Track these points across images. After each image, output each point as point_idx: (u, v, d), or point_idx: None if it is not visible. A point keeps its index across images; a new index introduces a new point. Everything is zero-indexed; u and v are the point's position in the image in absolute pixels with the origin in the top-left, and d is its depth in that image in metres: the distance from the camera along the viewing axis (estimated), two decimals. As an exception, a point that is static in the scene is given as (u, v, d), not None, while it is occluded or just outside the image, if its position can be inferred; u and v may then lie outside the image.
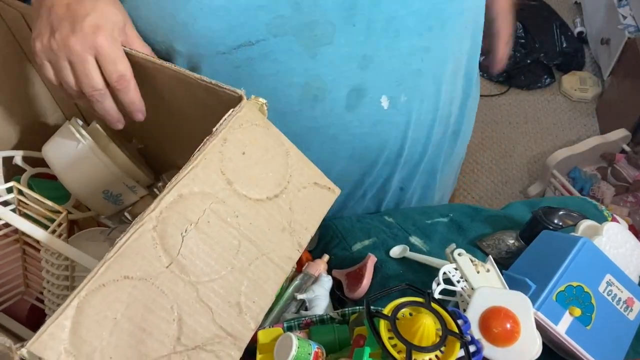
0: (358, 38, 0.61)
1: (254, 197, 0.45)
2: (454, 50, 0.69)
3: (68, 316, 0.36)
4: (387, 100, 0.66)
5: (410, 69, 0.65)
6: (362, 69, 0.63)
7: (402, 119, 0.69)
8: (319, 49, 0.60)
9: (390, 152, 0.73)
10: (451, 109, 0.75)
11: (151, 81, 0.53)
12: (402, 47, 0.63)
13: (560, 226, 0.63)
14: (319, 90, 0.63)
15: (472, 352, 0.45)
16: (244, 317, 0.43)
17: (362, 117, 0.67)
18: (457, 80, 0.73)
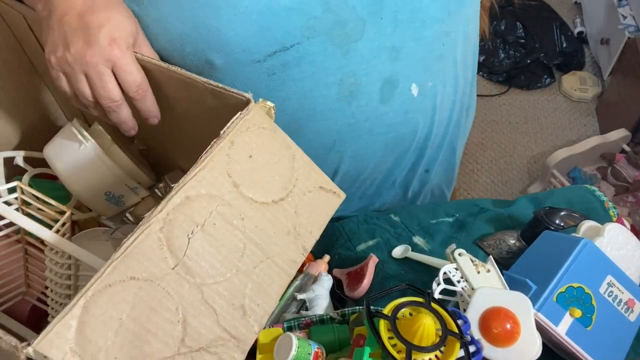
0: (386, 30, 0.62)
1: (260, 200, 0.45)
2: (466, 31, 0.70)
3: (74, 315, 0.36)
4: (416, 88, 0.68)
5: (434, 54, 0.67)
6: (392, 60, 0.64)
7: (429, 104, 0.71)
8: (351, 46, 0.61)
9: (420, 138, 0.75)
10: (465, 87, 0.77)
11: (156, 84, 0.53)
12: (426, 35, 0.64)
13: (562, 227, 0.63)
14: (354, 86, 0.64)
15: (472, 352, 0.46)
16: (247, 319, 0.43)
17: (396, 107, 0.68)
18: (467, 58, 0.74)
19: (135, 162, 0.68)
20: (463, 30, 0.70)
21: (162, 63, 0.50)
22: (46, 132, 0.73)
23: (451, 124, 0.78)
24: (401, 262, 0.67)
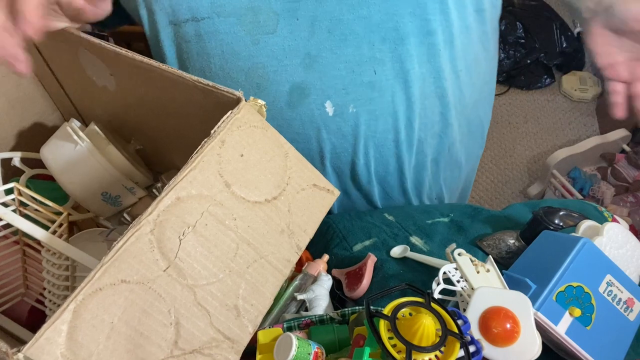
0: (302, 33, 0.60)
1: (252, 199, 0.45)
2: (423, 73, 0.65)
3: (65, 320, 0.36)
4: (331, 107, 0.65)
5: (359, 79, 0.64)
6: (306, 67, 0.62)
7: (348, 130, 0.67)
8: (262, 37, 0.61)
9: (340, 163, 0.71)
10: (425, 136, 0.72)
11: (149, 82, 0.53)
12: (348, 53, 0.62)
13: (561, 226, 0.63)
14: (262, 80, 0.63)
15: (472, 352, 0.45)
16: (241, 320, 0.43)
17: (304, 118, 0.66)
18: (431, 105, 0.69)
19: (131, 162, 0.68)
20: (422, 73, 0.65)
21: (153, 61, 0.50)
22: (43, 133, 0.73)
23: (405, 164, 0.73)
24: (400, 262, 0.66)
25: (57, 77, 0.70)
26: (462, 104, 0.72)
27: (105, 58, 0.57)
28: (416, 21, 0.61)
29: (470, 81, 0.71)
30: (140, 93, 0.58)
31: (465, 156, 0.82)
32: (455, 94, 0.69)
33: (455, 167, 0.82)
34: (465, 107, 0.73)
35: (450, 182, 0.84)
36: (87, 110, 0.74)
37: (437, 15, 0.61)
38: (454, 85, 0.68)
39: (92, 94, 0.66)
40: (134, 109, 0.65)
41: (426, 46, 0.63)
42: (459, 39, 0.65)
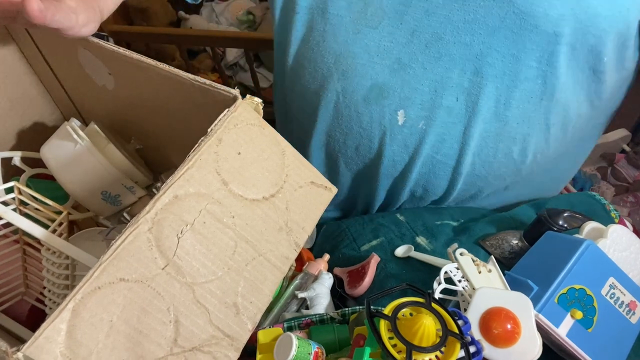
0: (400, 38, 0.61)
1: (250, 197, 0.45)
2: (507, 116, 0.64)
3: (64, 319, 0.36)
4: (403, 116, 0.65)
5: (440, 101, 0.63)
6: (392, 71, 0.63)
7: (412, 144, 0.67)
8: (363, 29, 0.61)
9: (394, 170, 0.71)
10: (486, 174, 0.71)
11: (147, 81, 0.53)
12: (437, 72, 0.62)
13: (565, 228, 0.62)
14: (349, 68, 0.64)
15: (472, 352, 0.45)
16: (241, 317, 0.43)
17: (374, 117, 0.66)
18: (505, 148, 0.67)
19: (131, 161, 0.68)
20: (519, 112, 0.63)
21: (150, 60, 0.49)
22: (44, 132, 0.73)
23: (454, 190, 0.72)
24: (402, 262, 0.66)
25: (58, 77, 0.70)
26: (544, 154, 0.70)
27: (103, 57, 0.57)
28: (516, 64, 0.60)
29: (562, 136, 0.69)
30: (139, 92, 0.58)
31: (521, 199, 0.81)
32: (539, 144, 0.68)
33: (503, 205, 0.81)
34: (547, 158, 0.72)
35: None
36: (87, 110, 0.75)
37: (542, 64, 0.60)
38: (540, 136, 0.67)
39: (92, 93, 0.66)
40: (134, 108, 0.65)
41: (520, 91, 0.62)
42: (563, 93, 0.63)
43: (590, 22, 0.56)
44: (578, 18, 0.55)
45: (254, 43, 1.29)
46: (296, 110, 0.76)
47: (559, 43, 0.57)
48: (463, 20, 0.58)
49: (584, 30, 0.56)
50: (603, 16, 0.55)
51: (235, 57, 1.54)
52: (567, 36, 0.57)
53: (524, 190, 0.79)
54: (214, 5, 1.66)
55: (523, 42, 0.58)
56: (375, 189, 0.76)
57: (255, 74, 1.41)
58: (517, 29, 0.57)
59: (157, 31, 1.35)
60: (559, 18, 0.55)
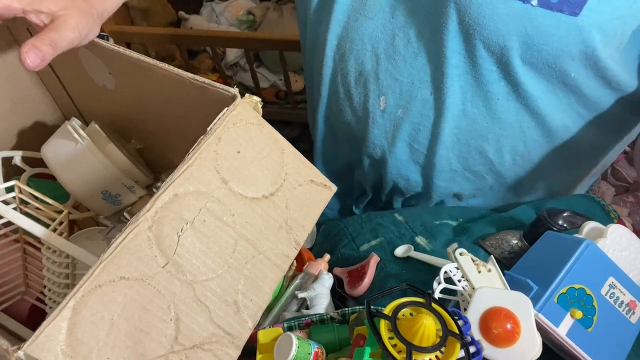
0: (389, 32, 0.65)
1: (250, 195, 0.45)
2: (476, 114, 0.67)
3: (64, 318, 0.36)
4: (384, 103, 0.70)
5: (416, 93, 0.67)
6: (378, 60, 0.67)
7: (390, 129, 0.72)
8: (361, 18, 0.66)
9: (375, 154, 0.76)
10: (461, 168, 0.74)
11: (147, 81, 0.53)
12: (417, 66, 0.65)
13: (565, 228, 0.62)
14: (346, 52, 0.69)
15: (472, 352, 0.45)
16: (241, 315, 0.43)
17: (362, 99, 0.71)
18: (478, 145, 0.71)
19: (132, 161, 0.68)
20: (488, 112, 0.66)
21: (150, 60, 0.50)
22: (44, 132, 0.73)
23: (430, 181, 0.76)
24: (402, 262, 0.66)
25: (59, 76, 0.70)
26: (525, 159, 0.73)
27: (104, 57, 0.57)
28: (476, 67, 0.62)
29: (546, 143, 0.70)
30: (139, 91, 0.58)
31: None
32: (516, 147, 0.70)
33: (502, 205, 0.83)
34: (532, 163, 0.74)
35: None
36: (88, 110, 0.75)
37: (501, 70, 0.61)
38: (516, 139, 0.69)
39: (93, 93, 0.67)
40: (134, 107, 0.65)
41: (484, 91, 0.64)
42: (534, 101, 0.64)
43: (543, 41, 0.56)
44: (529, 36, 0.56)
45: (254, 43, 1.29)
46: (311, 83, 0.82)
47: (512, 56, 0.59)
48: (437, 23, 0.61)
49: (537, 47, 0.57)
50: (557, 36, 0.55)
51: (235, 57, 1.54)
52: (520, 50, 0.58)
53: (516, 194, 0.81)
54: (214, 5, 1.66)
55: (477, 48, 0.60)
56: (362, 167, 0.81)
57: (255, 74, 1.41)
58: (466, 35, 0.59)
59: (157, 31, 1.35)
60: (510, 33, 0.56)
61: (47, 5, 0.48)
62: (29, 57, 0.45)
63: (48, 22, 0.49)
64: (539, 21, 0.54)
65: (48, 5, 0.48)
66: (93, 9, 0.52)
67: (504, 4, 0.54)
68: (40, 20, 0.49)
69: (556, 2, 0.53)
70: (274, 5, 1.62)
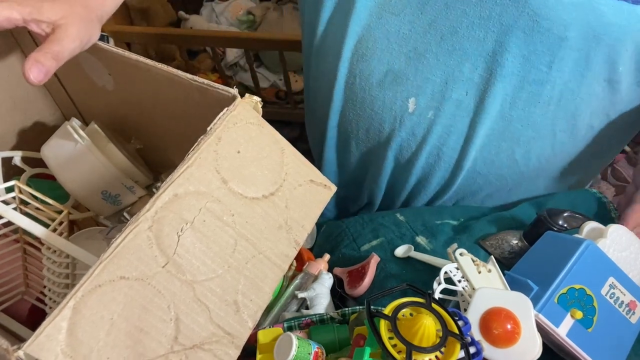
0: (418, 28, 0.61)
1: (250, 195, 0.45)
2: (512, 116, 0.65)
3: (64, 317, 0.36)
4: (414, 104, 0.66)
5: (449, 93, 0.64)
6: (408, 59, 0.63)
7: (420, 132, 0.68)
8: (386, 14, 0.62)
9: (401, 157, 0.73)
10: (487, 172, 0.72)
11: (146, 81, 0.53)
12: (450, 65, 0.62)
13: (565, 228, 0.62)
14: (368, 51, 0.65)
15: (472, 353, 0.45)
16: (241, 315, 0.43)
17: (387, 103, 0.67)
18: (508, 148, 0.68)
19: (132, 161, 0.68)
20: (524, 114, 0.64)
21: (148, 60, 0.50)
22: (44, 132, 0.73)
23: (454, 184, 0.74)
24: (402, 262, 0.66)
25: (58, 77, 0.70)
26: (549, 161, 0.71)
27: (102, 58, 0.57)
28: (525, 65, 0.60)
29: (571, 145, 0.69)
30: (138, 92, 0.58)
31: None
32: (544, 149, 0.69)
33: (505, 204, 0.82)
34: (553, 165, 0.72)
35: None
36: (87, 110, 0.75)
37: (553, 69, 0.60)
38: (546, 141, 0.68)
39: (93, 93, 0.67)
40: (133, 108, 0.65)
41: (526, 93, 0.62)
42: (573, 102, 0.63)
43: (603, 31, 0.55)
44: (591, 25, 0.55)
45: (254, 43, 1.29)
46: (318, 88, 0.77)
47: (570, 48, 0.57)
48: (478, 16, 0.58)
49: (597, 39, 0.56)
50: (617, 25, 0.55)
51: (235, 57, 1.55)
52: (579, 42, 0.57)
53: (528, 193, 0.79)
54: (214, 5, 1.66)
55: (534, 44, 0.58)
56: (381, 172, 0.77)
57: (255, 74, 1.41)
58: (529, 31, 0.57)
59: (157, 31, 1.35)
60: (571, 22, 0.55)
61: (47, 15, 0.48)
62: (32, 73, 0.45)
63: (49, 30, 0.49)
64: (602, 10, 0.54)
65: (48, 14, 0.48)
66: (92, 14, 0.52)
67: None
68: (42, 29, 0.49)
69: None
70: (274, 5, 1.62)
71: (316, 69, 0.75)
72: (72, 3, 0.50)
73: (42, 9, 0.48)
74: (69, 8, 0.49)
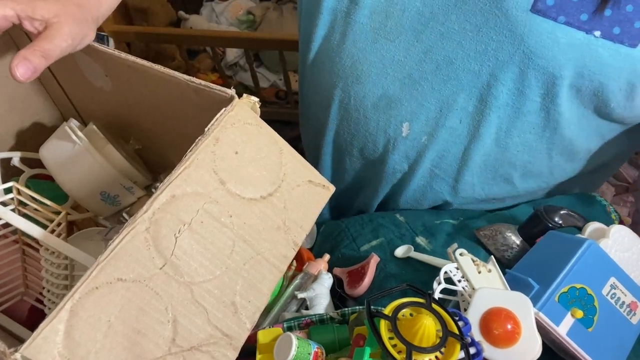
0: (414, 55, 0.62)
1: (248, 196, 0.45)
2: (507, 143, 0.65)
3: (62, 320, 0.36)
4: (407, 129, 0.67)
5: (443, 121, 0.65)
6: (402, 85, 0.64)
7: (413, 156, 0.69)
8: (381, 40, 0.63)
9: (394, 178, 0.74)
10: (483, 193, 0.73)
11: (143, 82, 0.53)
12: (444, 94, 0.63)
13: (560, 225, 0.62)
14: (363, 74, 0.66)
15: (472, 354, 0.45)
16: (239, 316, 0.42)
17: (380, 125, 0.68)
18: (505, 172, 0.70)
19: (130, 162, 0.68)
20: (520, 140, 0.65)
21: (145, 62, 0.49)
22: (43, 133, 0.73)
23: (449, 205, 0.76)
24: (402, 262, 0.66)
25: (57, 78, 0.70)
26: (548, 182, 0.72)
27: (99, 59, 0.57)
28: (520, 98, 0.61)
29: (569, 166, 0.71)
30: (136, 93, 0.58)
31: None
32: (542, 172, 0.70)
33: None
34: (552, 185, 0.74)
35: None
36: (86, 111, 0.75)
37: (546, 100, 0.60)
38: (543, 164, 0.69)
39: (91, 94, 0.66)
40: (131, 109, 0.65)
41: (522, 122, 0.63)
42: (567, 128, 0.63)
43: (598, 71, 0.56)
44: (587, 66, 0.56)
45: (254, 43, 1.29)
46: (314, 103, 0.78)
47: (562, 85, 0.58)
48: (474, 50, 0.59)
49: (590, 77, 0.57)
50: (614, 67, 0.56)
51: (235, 57, 1.54)
52: (572, 79, 0.58)
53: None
54: (214, 5, 1.66)
55: (529, 80, 0.59)
56: (376, 191, 0.77)
57: (255, 74, 1.41)
58: (524, 67, 0.58)
59: (157, 31, 1.35)
60: (567, 62, 0.56)
61: (40, 12, 0.48)
62: (19, 71, 0.45)
63: (42, 29, 0.49)
64: (598, 52, 0.55)
65: (41, 12, 0.48)
66: (87, 14, 0.52)
67: (566, 35, 0.54)
68: (35, 27, 0.49)
69: (618, 33, 0.54)
70: (274, 5, 1.62)
71: (311, 80, 0.76)
72: (66, 2, 0.50)
73: (36, 7, 0.48)
74: (63, 7, 0.49)
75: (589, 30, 0.54)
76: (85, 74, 0.62)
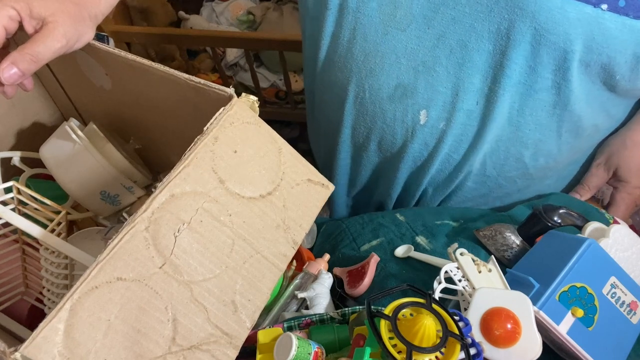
0: (426, 42, 0.62)
1: (247, 195, 0.45)
2: (520, 122, 0.66)
3: (61, 319, 0.36)
4: (425, 116, 0.67)
5: (460, 105, 0.65)
6: (417, 73, 0.64)
7: (432, 142, 0.70)
8: (392, 30, 0.63)
9: (415, 166, 0.74)
10: (497, 175, 0.74)
11: (143, 81, 0.53)
12: (460, 77, 0.63)
13: (559, 224, 0.62)
14: (376, 67, 0.66)
15: (473, 354, 0.45)
16: (239, 315, 0.42)
17: (398, 115, 0.68)
18: (516, 152, 0.70)
19: (130, 161, 0.68)
20: (533, 119, 0.66)
21: (145, 60, 0.49)
22: (43, 132, 0.73)
23: (465, 189, 0.76)
24: (402, 262, 0.66)
25: (57, 77, 0.70)
26: (556, 160, 0.73)
27: (99, 58, 0.57)
28: (532, 75, 0.61)
29: (576, 143, 0.71)
30: (136, 92, 0.58)
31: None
32: (551, 150, 0.70)
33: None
34: (559, 163, 0.74)
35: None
36: (86, 110, 0.75)
37: (557, 76, 0.61)
38: (552, 142, 0.69)
39: (91, 93, 0.67)
40: (131, 108, 0.65)
41: (534, 100, 0.64)
42: (577, 104, 0.64)
43: (606, 44, 0.57)
44: (595, 39, 0.57)
45: (254, 43, 1.29)
46: (325, 102, 0.78)
47: (573, 59, 0.59)
48: (487, 30, 0.59)
49: (599, 50, 0.57)
50: (620, 39, 0.56)
51: (235, 57, 1.54)
52: (582, 53, 0.58)
53: (536, 193, 0.81)
54: (214, 5, 1.66)
55: (541, 56, 0.59)
56: (394, 183, 0.78)
57: (255, 74, 1.41)
58: (536, 44, 0.58)
59: (157, 31, 1.35)
60: (577, 37, 0.57)
61: (37, 11, 0.48)
62: (4, 75, 0.46)
63: (38, 27, 0.49)
64: (605, 25, 0.55)
65: (38, 10, 0.48)
66: (84, 12, 0.52)
67: (575, 9, 0.55)
68: (32, 26, 0.49)
69: (623, 6, 0.54)
70: (274, 5, 1.62)
71: (322, 79, 0.76)
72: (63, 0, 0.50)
73: (33, 6, 0.48)
74: (60, 5, 0.49)
75: (596, 3, 0.54)
76: (85, 73, 0.62)
